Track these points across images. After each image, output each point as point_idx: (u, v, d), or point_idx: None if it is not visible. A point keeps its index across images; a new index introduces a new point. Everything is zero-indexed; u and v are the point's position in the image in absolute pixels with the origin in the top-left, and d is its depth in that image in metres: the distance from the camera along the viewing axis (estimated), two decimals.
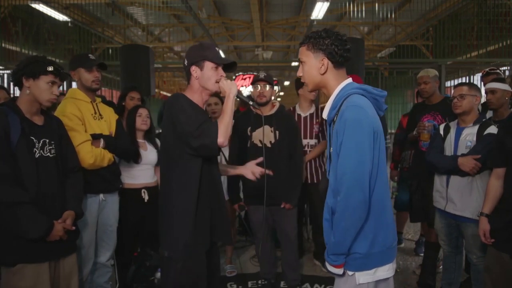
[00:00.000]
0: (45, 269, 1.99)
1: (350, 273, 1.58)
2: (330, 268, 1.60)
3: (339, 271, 1.58)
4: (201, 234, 1.95)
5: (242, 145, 3.00)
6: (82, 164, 2.37)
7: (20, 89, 2.03)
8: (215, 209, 2.04)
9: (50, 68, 1.99)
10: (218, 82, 1.98)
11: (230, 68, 2.07)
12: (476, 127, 2.57)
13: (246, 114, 3.11)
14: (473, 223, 2.50)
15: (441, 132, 2.76)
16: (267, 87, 2.92)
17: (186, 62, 2.00)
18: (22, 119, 1.96)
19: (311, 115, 3.53)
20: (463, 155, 2.53)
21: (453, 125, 2.72)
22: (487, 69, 3.47)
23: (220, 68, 1.98)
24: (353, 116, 1.49)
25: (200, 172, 1.94)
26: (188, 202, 1.92)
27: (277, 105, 3.06)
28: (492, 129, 2.50)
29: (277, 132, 2.94)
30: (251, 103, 2.21)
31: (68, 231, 2.06)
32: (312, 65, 1.62)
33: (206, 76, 1.96)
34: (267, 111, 2.97)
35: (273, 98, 3.04)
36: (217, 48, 2.04)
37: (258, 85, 2.93)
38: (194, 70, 1.96)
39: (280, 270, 3.30)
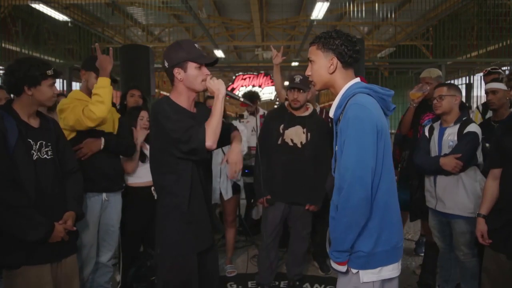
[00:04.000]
0: (47, 271, 1.99)
1: (354, 271, 1.58)
2: (334, 265, 1.61)
3: (342, 268, 1.59)
4: (192, 234, 1.94)
5: (272, 142, 2.98)
6: (97, 117, 2.31)
7: (19, 95, 1.99)
8: (204, 213, 2.01)
9: (50, 73, 1.99)
10: (204, 81, 1.92)
11: (211, 64, 1.98)
12: (457, 126, 2.60)
13: (279, 111, 3.09)
14: (461, 220, 2.55)
15: (426, 133, 2.79)
16: (301, 91, 2.92)
17: (166, 64, 1.92)
18: (19, 122, 1.95)
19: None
20: (445, 155, 2.57)
21: (436, 125, 2.75)
22: (489, 68, 3.46)
23: (203, 67, 1.91)
24: (355, 114, 1.52)
25: (191, 174, 1.92)
26: (178, 204, 1.91)
27: (311, 108, 3.08)
28: (472, 127, 2.54)
29: (309, 134, 2.95)
30: (241, 99, 2.20)
31: (68, 232, 2.06)
32: (321, 64, 1.64)
33: (191, 76, 1.89)
34: (301, 112, 3.00)
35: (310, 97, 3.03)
36: (196, 45, 1.95)
37: (293, 90, 2.92)
38: (178, 72, 1.89)
39: (279, 270, 3.31)
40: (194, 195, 1.93)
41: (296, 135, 2.96)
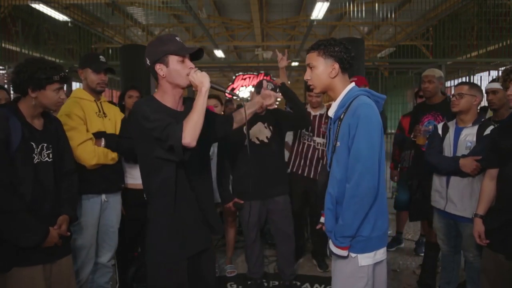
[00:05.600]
0: (39, 272, 1.97)
1: (353, 255, 1.74)
2: (336, 250, 1.75)
3: (344, 253, 1.73)
4: (179, 239, 1.85)
5: (236, 144, 2.96)
6: (85, 164, 2.37)
7: (24, 96, 1.98)
8: (193, 216, 1.91)
9: (56, 78, 1.95)
10: (188, 75, 1.79)
11: (196, 56, 1.88)
12: (476, 128, 2.56)
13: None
14: (472, 223, 2.51)
15: (440, 132, 2.75)
16: None
17: (148, 62, 1.82)
18: (23, 124, 1.93)
19: (321, 115, 3.60)
20: (463, 156, 2.53)
21: (451, 125, 2.70)
22: (509, 67, 3.42)
23: (187, 60, 1.81)
24: (366, 113, 1.69)
25: (175, 176, 1.81)
26: (163, 208, 1.83)
27: None
28: None
29: (270, 127, 3.06)
30: (227, 91, 2.05)
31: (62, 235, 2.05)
32: (323, 70, 1.79)
33: (174, 71, 1.79)
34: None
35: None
36: (177, 38, 1.83)
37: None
38: (160, 68, 1.79)
39: (267, 270, 3.35)
40: (181, 198, 1.84)
41: (260, 132, 3.04)
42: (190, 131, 1.66)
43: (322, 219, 2.01)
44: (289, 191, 3.21)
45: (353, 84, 1.83)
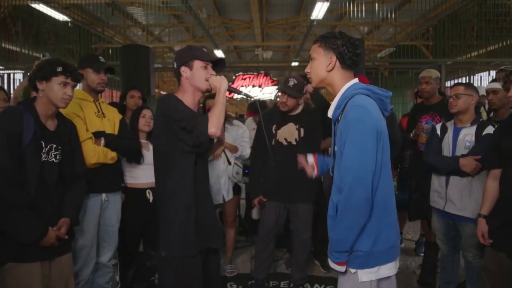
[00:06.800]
0: (37, 269, 1.98)
1: (352, 270, 1.59)
2: (333, 265, 1.62)
3: (341, 268, 1.60)
4: (196, 234, 1.97)
5: (264, 143, 2.97)
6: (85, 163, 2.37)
7: (37, 91, 2.06)
8: (207, 212, 2.05)
9: (59, 69, 2.00)
10: (208, 80, 2.01)
11: (218, 67, 2.09)
12: (474, 127, 2.57)
13: (272, 111, 3.10)
14: (472, 223, 2.52)
15: (438, 132, 2.76)
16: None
17: (175, 65, 2.03)
18: (36, 122, 1.98)
19: None
20: (463, 155, 2.53)
21: (450, 125, 2.71)
22: (503, 67, 3.44)
23: (209, 67, 2.02)
24: (356, 116, 1.52)
25: (194, 172, 1.98)
26: (185, 202, 1.94)
27: (303, 103, 3.09)
28: (490, 129, 2.51)
29: (301, 129, 2.97)
30: (243, 93, 2.30)
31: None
32: (321, 62, 1.66)
33: (196, 75, 2.00)
34: (293, 111, 3.02)
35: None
36: (204, 49, 2.08)
37: (284, 94, 2.94)
38: (184, 70, 2.00)
39: (279, 271, 3.33)
40: (199, 194, 1.98)
41: (289, 133, 2.98)
42: (215, 122, 1.86)
43: None
44: (314, 199, 3.07)
45: (354, 81, 1.66)
